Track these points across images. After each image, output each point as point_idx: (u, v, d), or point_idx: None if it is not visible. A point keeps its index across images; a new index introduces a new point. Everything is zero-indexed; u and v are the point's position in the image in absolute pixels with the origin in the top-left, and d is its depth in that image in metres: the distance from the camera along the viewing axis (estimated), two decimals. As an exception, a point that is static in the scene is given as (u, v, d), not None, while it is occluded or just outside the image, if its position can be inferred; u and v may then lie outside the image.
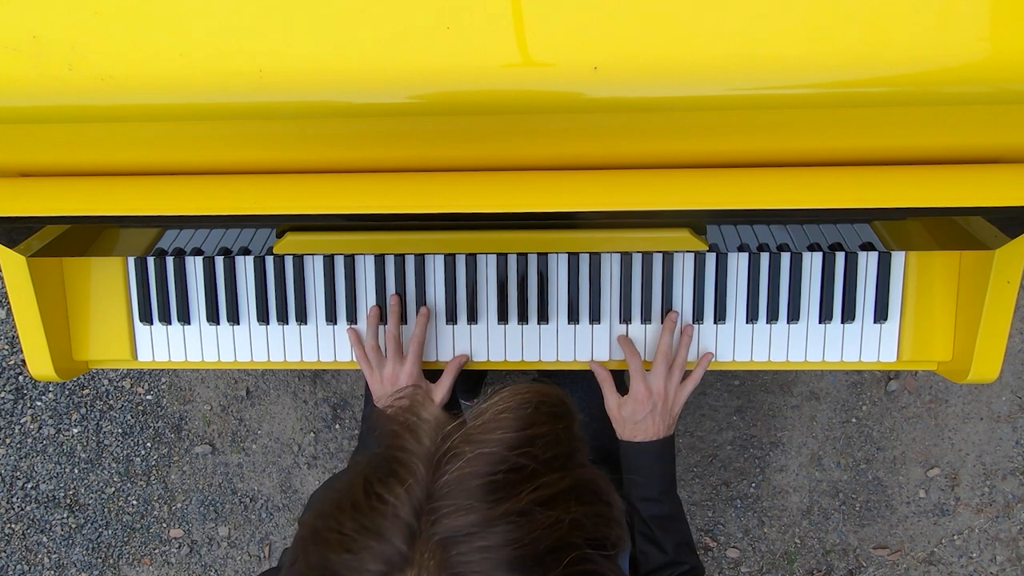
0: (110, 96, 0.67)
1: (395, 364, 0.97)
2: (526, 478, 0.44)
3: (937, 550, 1.90)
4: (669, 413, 0.95)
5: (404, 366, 0.97)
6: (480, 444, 0.45)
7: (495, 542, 0.41)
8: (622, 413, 0.96)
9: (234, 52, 0.65)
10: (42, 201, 0.77)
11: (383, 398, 0.97)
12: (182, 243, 0.94)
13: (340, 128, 0.72)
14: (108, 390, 1.90)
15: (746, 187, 0.73)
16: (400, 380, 0.97)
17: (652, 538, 0.92)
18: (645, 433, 0.94)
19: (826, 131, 0.72)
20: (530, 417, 0.46)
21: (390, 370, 0.97)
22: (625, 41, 0.64)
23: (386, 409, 0.53)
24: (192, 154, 0.77)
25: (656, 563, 0.91)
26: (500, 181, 0.75)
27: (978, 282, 0.91)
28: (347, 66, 0.65)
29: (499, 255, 0.99)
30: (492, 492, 0.42)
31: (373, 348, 0.99)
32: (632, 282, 0.99)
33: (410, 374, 0.97)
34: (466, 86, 0.66)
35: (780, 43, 0.63)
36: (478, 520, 0.41)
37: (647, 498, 0.93)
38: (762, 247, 0.95)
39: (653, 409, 0.94)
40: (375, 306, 1.01)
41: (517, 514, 0.42)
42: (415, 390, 0.54)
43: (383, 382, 0.98)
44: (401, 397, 0.54)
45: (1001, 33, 0.62)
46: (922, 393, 1.85)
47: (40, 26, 0.65)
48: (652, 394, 0.94)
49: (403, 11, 0.64)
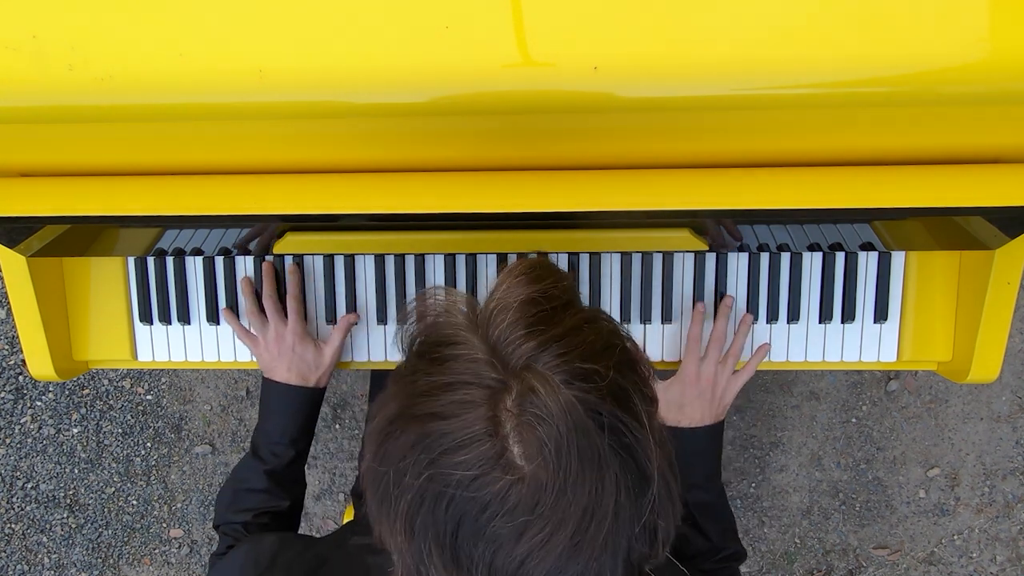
0: (110, 96, 0.67)
1: (278, 324, 0.95)
2: (562, 307, 0.51)
3: (937, 550, 1.90)
4: (719, 401, 0.93)
5: (287, 324, 0.95)
6: (510, 299, 0.50)
7: (567, 348, 0.47)
8: (667, 396, 0.93)
9: (234, 52, 0.65)
10: (42, 201, 0.77)
11: (272, 364, 0.94)
12: (182, 243, 0.94)
13: (340, 128, 0.72)
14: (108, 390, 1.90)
15: (746, 187, 0.73)
16: (286, 339, 0.94)
17: (696, 524, 0.91)
18: (691, 419, 0.92)
19: (826, 131, 0.71)
20: (536, 277, 0.53)
21: (273, 331, 0.95)
22: (625, 41, 0.64)
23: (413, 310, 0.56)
24: (192, 154, 0.77)
25: (700, 548, 0.91)
26: (500, 181, 0.75)
27: (978, 282, 0.91)
28: (347, 66, 0.65)
29: (499, 255, 0.99)
30: (542, 325, 0.49)
31: (252, 312, 0.97)
32: (632, 282, 0.99)
33: (294, 331, 0.95)
34: (466, 86, 0.66)
35: (780, 43, 0.63)
36: (544, 340, 0.47)
37: (693, 485, 0.91)
38: (762, 247, 0.95)
39: (700, 395, 0.92)
40: (246, 276, 0.99)
41: (571, 329, 0.49)
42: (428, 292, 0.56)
43: (268, 345, 0.95)
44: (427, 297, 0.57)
45: (1001, 33, 0.62)
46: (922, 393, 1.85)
47: (40, 26, 0.65)
48: (701, 379, 0.92)
49: (402, 11, 0.64)
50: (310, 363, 0.95)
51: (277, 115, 0.69)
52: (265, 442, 0.93)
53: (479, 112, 0.68)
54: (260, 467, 0.92)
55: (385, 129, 0.72)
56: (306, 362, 0.95)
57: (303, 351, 0.95)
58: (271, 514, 0.91)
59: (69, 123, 0.71)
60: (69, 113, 0.69)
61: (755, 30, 0.63)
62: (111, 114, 0.68)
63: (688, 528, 0.92)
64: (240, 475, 0.94)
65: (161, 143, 0.75)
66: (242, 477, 0.93)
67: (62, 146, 0.76)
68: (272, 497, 0.91)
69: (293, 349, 0.94)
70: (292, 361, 0.94)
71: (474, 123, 0.71)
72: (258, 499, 0.91)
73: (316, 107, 0.68)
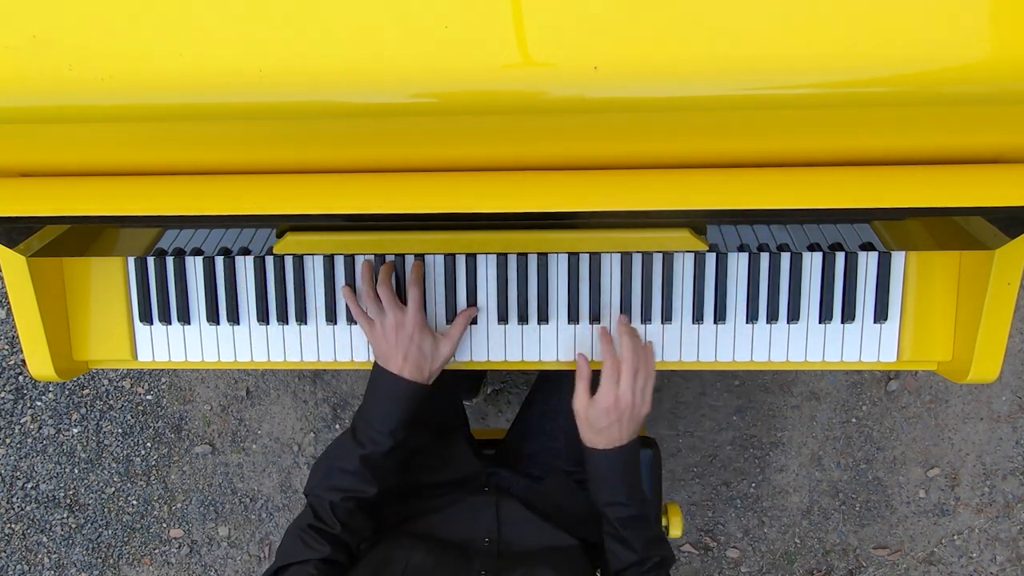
0: (110, 96, 0.67)
1: (396, 313, 0.94)
2: None
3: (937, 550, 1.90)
4: (636, 419, 0.93)
5: (407, 314, 0.94)
6: None
7: None
8: (588, 415, 0.93)
9: (234, 52, 0.65)
10: (42, 201, 0.77)
11: (388, 352, 0.93)
12: (182, 243, 0.94)
13: (340, 128, 0.72)
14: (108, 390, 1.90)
15: (746, 187, 0.73)
16: (406, 328, 0.93)
17: (621, 538, 0.91)
18: (609, 440, 0.92)
19: (826, 131, 0.71)
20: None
21: (391, 319, 0.93)
22: (625, 41, 0.64)
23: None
24: (192, 154, 0.77)
25: (627, 561, 0.91)
26: (500, 181, 0.75)
27: (978, 282, 0.91)
28: (347, 66, 0.65)
29: (499, 255, 0.99)
30: None
31: (370, 296, 0.95)
32: (632, 282, 0.99)
33: (415, 321, 0.93)
34: (466, 86, 0.66)
35: (780, 43, 0.63)
36: None
37: (614, 503, 0.92)
38: (762, 247, 0.95)
39: (620, 419, 0.91)
40: (367, 260, 0.98)
41: None
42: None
43: (386, 333, 0.93)
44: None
45: (1001, 33, 0.62)
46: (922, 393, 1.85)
47: (40, 26, 0.65)
48: (620, 404, 0.91)
49: (402, 11, 0.64)
50: (428, 354, 0.93)
51: (277, 115, 0.69)
52: (365, 427, 0.92)
53: (479, 112, 0.68)
54: (357, 450, 0.91)
55: (386, 129, 0.72)
56: (424, 353, 0.93)
57: (421, 341, 0.93)
58: (357, 500, 0.91)
59: (69, 123, 0.71)
60: (69, 113, 0.68)
61: (755, 30, 0.63)
62: (111, 114, 0.68)
63: (614, 543, 0.92)
64: (337, 452, 0.93)
65: (161, 143, 0.75)
66: (338, 455, 0.93)
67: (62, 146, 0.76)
68: (362, 481, 0.91)
69: (412, 338, 0.92)
70: (410, 351, 0.92)
71: (474, 123, 0.71)
72: (349, 480, 0.91)
73: (316, 107, 0.68)
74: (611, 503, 0.92)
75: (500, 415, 1.91)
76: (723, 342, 1.00)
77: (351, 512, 0.91)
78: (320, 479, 0.92)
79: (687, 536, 1.92)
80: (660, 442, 1.85)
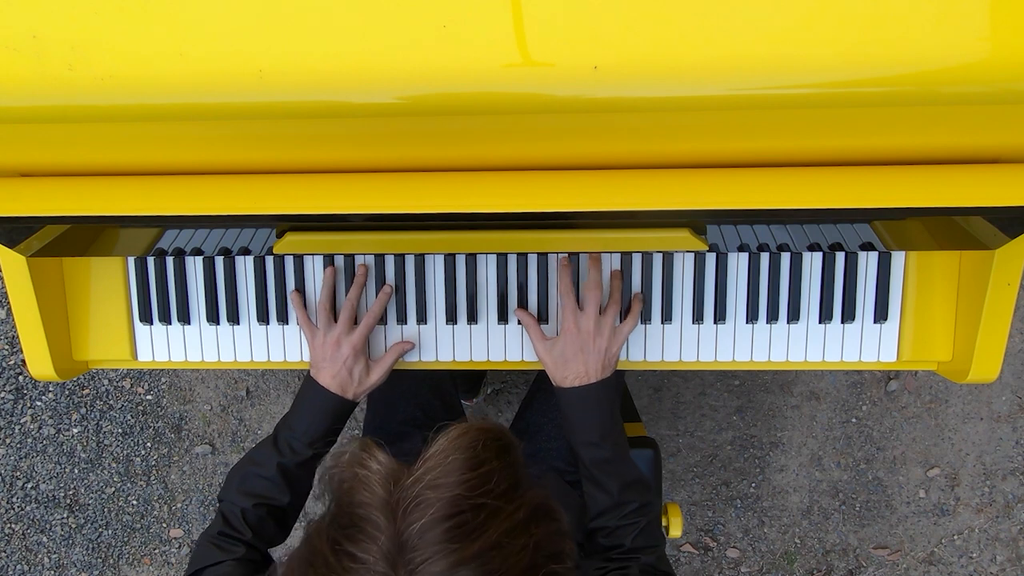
0: (110, 96, 0.67)
1: (344, 330, 0.95)
2: (490, 515, 0.47)
3: (937, 550, 1.90)
4: (603, 355, 0.91)
5: (352, 335, 0.95)
6: (438, 489, 0.47)
7: (479, 572, 0.43)
8: (552, 355, 0.92)
9: (234, 52, 0.65)
10: (42, 201, 0.77)
11: (321, 363, 0.95)
12: (182, 243, 0.94)
13: (340, 128, 0.72)
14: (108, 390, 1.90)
15: (746, 187, 0.73)
16: (342, 349, 0.94)
17: (596, 481, 0.90)
18: (577, 376, 0.90)
19: (826, 131, 0.71)
20: (479, 456, 0.49)
21: (336, 335, 0.95)
22: (625, 41, 0.64)
23: (330, 469, 0.54)
24: (192, 154, 0.77)
25: (603, 506, 0.90)
26: (500, 181, 0.75)
27: (978, 282, 0.91)
28: (346, 66, 0.65)
29: (499, 255, 0.99)
30: (461, 533, 0.45)
31: (324, 308, 0.96)
32: (632, 282, 0.99)
33: (354, 345, 0.94)
34: (466, 86, 0.66)
35: (780, 43, 0.63)
36: (455, 562, 0.43)
37: (587, 443, 0.90)
38: (762, 247, 0.95)
39: (583, 348, 0.90)
40: (331, 267, 0.99)
41: (489, 548, 0.45)
42: (355, 442, 0.54)
43: (324, 345, 0.95)
44: (343, 453, 0.55)
45: (1001, 33, 0.62)
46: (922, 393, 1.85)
47: (40, 26, 0.65)
48: (581, 331, 0.90)
49: (402, 11, 0.64)
50: (356, 378, 0.95)
51: (277, 115, 0.69)
52: (286, 435, 0.94)
53: (479, 112, 0.68)
54: (275, 457, 0.92)
55: (386, 129, 0.72)
56: (352, 378, 0.95)
57: (353, 366, 0.95)
58: (268, 507, 0.92)
59: (69, 123, 0.71)
60: (69, 113, 0.68)
61: (755, 30, 0.63)
62: (111, 114, 0.68)
63: (589, 486, 0.91)
64: (255, 457, 0.95)
65: (161, 143, 0.75)
66: (256, 460, 0.94)
67: (62, 146, 0.76)
68: (275, 488, 0.92)
69: (345, 361, 0.94)
70: (339, 371, 0.94)
71: (474, 123, 0.71)
72: (263, 486, 0.92)
73: (316, 107, 0.68)
74: (583, 443, 0.90)
75: (500, 415, 1.91)
76: (723, 342, 1.00)
77: (262, 519, 0.91)
78: (236, 484, 0.93)
79: (687, 536, 1.92)
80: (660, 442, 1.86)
